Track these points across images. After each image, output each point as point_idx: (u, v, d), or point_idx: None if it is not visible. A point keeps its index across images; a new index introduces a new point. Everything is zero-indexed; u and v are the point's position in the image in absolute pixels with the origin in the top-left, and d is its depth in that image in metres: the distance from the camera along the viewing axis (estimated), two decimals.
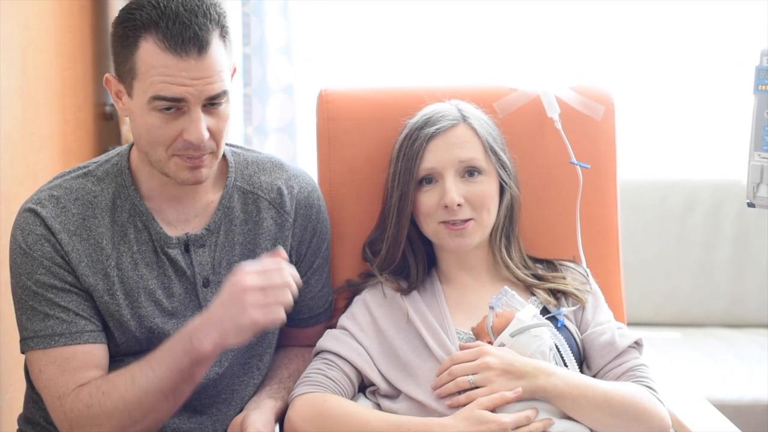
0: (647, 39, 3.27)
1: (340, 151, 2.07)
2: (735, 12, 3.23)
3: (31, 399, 1.87)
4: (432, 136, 1.87)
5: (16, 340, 1.78)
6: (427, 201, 1.87)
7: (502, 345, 1.76)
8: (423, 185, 1.88)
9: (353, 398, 1.85)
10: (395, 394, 1.82)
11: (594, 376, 1.83)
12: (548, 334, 1.78)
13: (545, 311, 1.87)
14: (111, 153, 1.87)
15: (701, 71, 3.29)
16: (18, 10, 2.29)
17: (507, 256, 1.92)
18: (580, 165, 2.05)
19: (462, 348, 1.78)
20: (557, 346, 1.81)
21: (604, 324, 1.89)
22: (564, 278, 1.94)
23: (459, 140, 1.87)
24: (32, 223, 1.75)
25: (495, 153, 1.89)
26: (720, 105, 3.30)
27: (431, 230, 1.89)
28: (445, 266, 1.94)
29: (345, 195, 2.06)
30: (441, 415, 1.73)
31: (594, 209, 2.09)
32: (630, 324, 2.11)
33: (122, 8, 1.71)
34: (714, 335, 3.18)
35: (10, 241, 1.77)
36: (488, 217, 1.87)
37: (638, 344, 1.87)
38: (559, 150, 2.06)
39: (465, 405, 1.71)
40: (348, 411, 1.76)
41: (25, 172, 2.31)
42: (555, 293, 1.91)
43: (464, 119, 1.89)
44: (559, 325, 1.85)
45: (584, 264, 2.02)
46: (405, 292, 1.91)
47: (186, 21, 1.64)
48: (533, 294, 1.91)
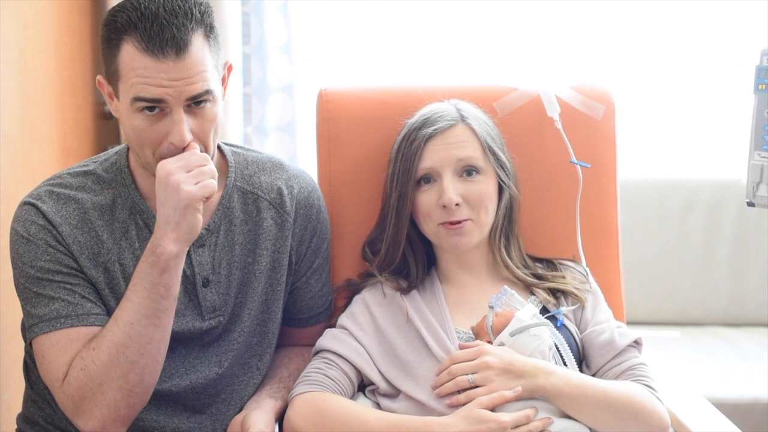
0: (647, 39, 3.27)
1: (340, 151, 2.07)
2: (735, 12, 3.23)
3: (30, 398, 1.86)
4: (430, 137, 1.87)
5: (16, 340, 1.77)
6: (426, 201, 1.87)
7: (502, 344, 1.76)
8: (421, 185, 1.88)
9: (353, 397, 1.85)
10: (395, 394, 1.81)
11: (593, 375, 1.83)
12: (548, 334, 1.78)
13: (545, 310, 1.87)
14: (110, 152, 1.87)
15: (701, 71, 3.29)
16: (17, 10, 2.29)
17: (506, 256, 1.92)
18: (580, 164, 2.05)
19: (461, 347, 1.78)
20: (557, 346, 1.81)
21: (604, 323, 1.89)
22: (564, 277, 1.94)
23: (457, 140, 1.87)
24: (33, 215, 1.75)
25: (493, 153, 1.89)
26: (720, 105, 3.30)
27: (430, 231, 1.89)
28: (445, 266, 1.94)
29: (345, 195, 2.06)
30: (440, 415, 1.73)
31: (594, 209, 2.09)
32: (629, 323, 2.11)
33: (108, 10, 1.72)
34: (713, 334, 3.18)
35: (11, 234, 1.76)
36: (486, 217, 1.87)
37: (638, 343, 1.87)
38: (559, 149, 2.06)
39: (464, 404, 1.71)
40: (347, 410, 1.76)
41: (24, 172, 2.31)
42: (554, 292, 1.91)
43: (462, 119, 1.89)
44: (559, 325, 1.85)
45: (584, 263, 2.02)
46: (405, 292, 1.91)
47: (164, 22, 1.64)
48: (533, 293, 1.91)
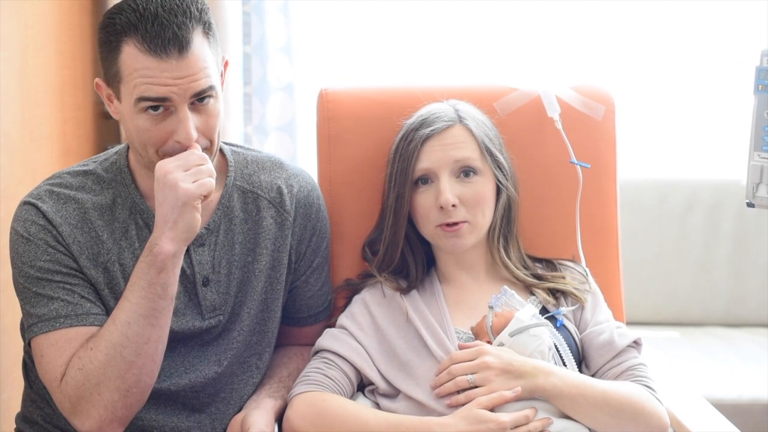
0: (647, 39, 3.26)
1: (340, 151, 2.07)
2: (735, 12, 3.23)
3: (30, 398, 1.86)
4: (427, 137, 1.87)
5: (15, 340, 1.77)
6: (423, 201, 1.87)
7: (501, 344, 1.76)
8: (419, 186, 1.88)
9: (352, 397, 1.85)
10: (394, 394, 1.81)
11: (593, 376, 1.83)
12: (547, 334, 1.78)
13: (544, 311, 1.87)
14: (109, 152, 1.87)
15: (701, 71, 3.29)
16: (17, 9, 2.29)
17: (505, 256, 1.92)
18: (580, 165, 2.05)
19: (461, 347, 1.78)
20: (556, 346, 1.81)
21: (603, 323, 1.89)
22: (563, 278, 1.94)
23: (454, 141, 1.87)
24: (34, 215, 1.75)
25: (491, 153, 1.89)
26: (720, 105, 3.29)
27: (428, 232, 1.89)
28: (444, 266, 1.94)
29: (345, 194, 2.06)
30: (440, 415, 1.73)
31: (594, 209, 2.09)
32: (629, 323, 2.11)
33: (105, 13, 1.71)
34: (713, 334, 3.18)
35: (10, 234, 1.76)
36: (483, 218, 1.87)
37: (637, 343, 1.87)
38: (559, 150, 2.06)
39: (464, 404, 1.71)
40: (347, 410, 1.76)
41: (24, 171, 2.31)
42: (554, 293, 1.91)
43: (460, 120, 1.89)
44: (558, 325, 1.85)
45: (584, 263, 2.02)
46: (404, 292, 1.91)
47: (164, 22, 1.64)
48: (532, 293, 1.91)
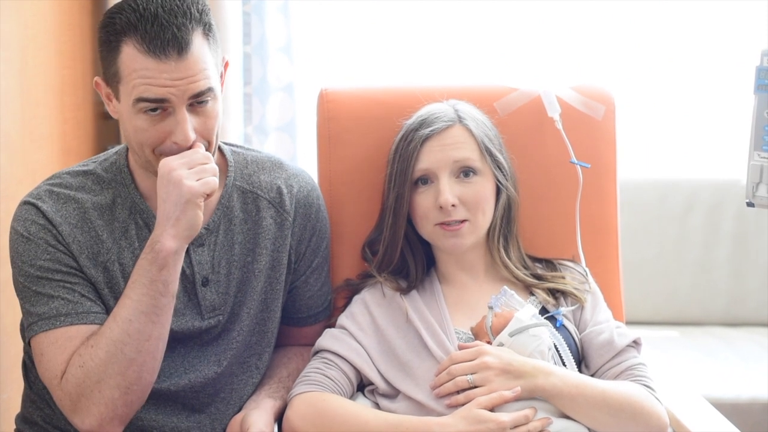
0: (647, 39, 3.26)
1: (340, 151, 2.07)
2: (735, 12, 3.23)
3: (29, 398, 1.86)
4: (427, 138, 1.87)
5: (15, 340, 1.77)
6: (423, 202, 1.87)
7: (501, 345, 1.76)
8: (419, 186, 1.88)
9: (352, 397, 1.85)
10: (394, 394, 1.81)
11: (592, 376, 1.83)
12: (547, 334, 1.78)
13: (544, 311, 1.87)
14: (109, 152, 1.87)
15: (701, 71, 3.29)
16: (17, 9, 2.29)
17: (505, 256, 1.92)
18: (580, 164, 2.05)
19: (461, 348, 1.78)
20: (556, 346, 1.81)
21: (603, 323, 1.89)
22: (563, 278, 1.94)
23: (454, 141, 1.87)
24: (34, 215, 1.75)
25: (491, 153, 1.89)
26: (720, 105, 3.29)
27: (428, 232, 1.89)
28: (444, 266, 1.94)
29: (345, 194, 2.06)
30: (439, 415, 1.73)
31: (594, 209, 2.09)
32: (629, 323, 2.11)
33: (105, 12, 1.71)
34: (713, 334, 3.18)
35: (10, 233, 1.76)
36: (483, 218, 1.87)
37: (637, 343, 1.87)
38: (560, 149, 2.06)
39: (464, 404, 1.71)
40: (347, 410, 1.76)
41: (24, 171, 2.31)
42: (554, 293, 1.91)
43: (460, 120, 1.89)
44: (558, 325, 1.85)
45: (583, 263, 2.02)
46: (404, 292, 1.91)
47: (164, 23, 1.64)
48: (532, 294, 1.91)
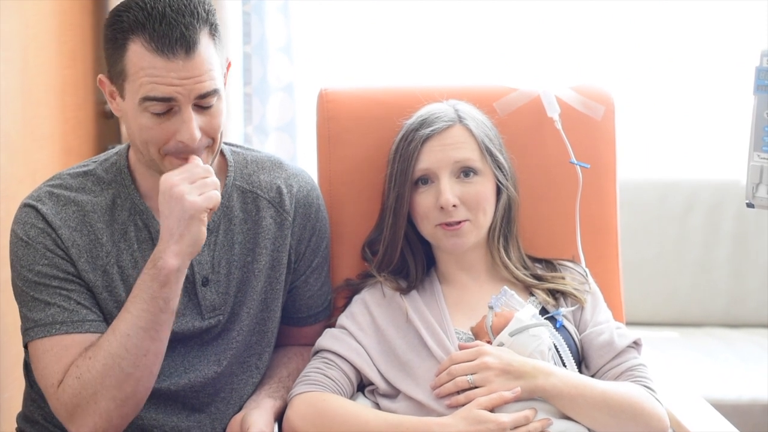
0: (647, 39, 3.27)
1: (340, 151, 2.07)
2: (735, 12, 3.23)
3: (30, 397, 1.87)
4: (427, 138, 1.87)
5: (15, 339, 1.78)
6: (423, 202, 1.87)
7: (501, 345, 1.76)
8: (419, 186, 1.88)
9: (352, 397, 1.85)
10: (394, 394, 1.82)
11: (593, 376, 1.83)
12: (547, 334, 1.79)
13: (544, 311, 1.87)
14: (110, 152, 1.87)
15: (701, 71, 3.29)
16: (18, 9, 2.29)
17: (505, 256, 1.92)
18: (580, 165, 2.05)
19: (461, 348, 1.79)
20: (556, 346, 1.81)
21: (603, 324, 1.89)
22: (563, 278, 1.94)
23: (454, 141, 1.87)
24: (33, 218, 1.75)
25: (491, 153, 1.89)
26: (720, 105, 3.30)
27: (428, 232, 1.89)
28: (444, 266, 1.94)
29: (345, 194, 2.06)
30: (440, 415, 1.73)
31: (594, 209, 2.09)
32: (629, 324, 2.11)
33: (111, 10, 1.71)
34: (713, 335, 3.18)
35: (10, 236, 1.76)
36: (484, 218, 1.88)
37: (637, 344, 1.87)
38: (559, 150, 2.06)
39: (464, 405, 1.71)
40: (347, 410, 1.76)
41: (25, 171, 2.31)
42: (554, 293, 1.92)
43: (460, 120, 1.89)
44: (558, 326, 1.85)
45: (583, 264, 2.02)
46: (404, 292, 1.91)
47: (172, 21, 1.64)
48: (532, 294, 1.91)
